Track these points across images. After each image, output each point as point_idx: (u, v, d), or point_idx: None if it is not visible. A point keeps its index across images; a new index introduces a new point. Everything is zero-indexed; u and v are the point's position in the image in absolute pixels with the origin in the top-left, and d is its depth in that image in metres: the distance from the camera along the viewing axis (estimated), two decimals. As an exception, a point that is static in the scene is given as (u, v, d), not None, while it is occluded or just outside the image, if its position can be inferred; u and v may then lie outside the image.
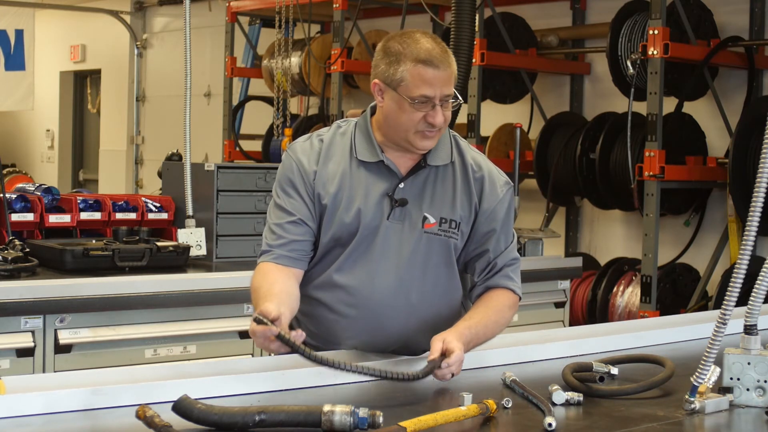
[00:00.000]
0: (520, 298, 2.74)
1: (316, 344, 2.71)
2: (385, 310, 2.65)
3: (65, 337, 3.92)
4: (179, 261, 4.60)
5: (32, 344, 3.85)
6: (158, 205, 5.05)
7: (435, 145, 2.66)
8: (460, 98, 2.66)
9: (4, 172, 6.83)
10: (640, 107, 6.11)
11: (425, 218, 2.65)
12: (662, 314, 5.81)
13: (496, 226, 2.69)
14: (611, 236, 7.40)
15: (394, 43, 2.60)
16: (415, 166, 2.67)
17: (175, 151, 6.21)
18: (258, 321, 2.29)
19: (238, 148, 9.04)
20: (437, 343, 2.42)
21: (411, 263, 2.64)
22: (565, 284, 5.53)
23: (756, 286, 2.21)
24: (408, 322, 2.66)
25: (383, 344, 2.66)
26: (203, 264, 4.84)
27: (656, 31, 5.78)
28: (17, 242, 4.32)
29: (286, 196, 2.68)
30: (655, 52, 5.79)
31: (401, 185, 2.65)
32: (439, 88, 2.56)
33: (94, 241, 4.56)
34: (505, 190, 2.72)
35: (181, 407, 1.99)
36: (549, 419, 2.06)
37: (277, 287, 2.52)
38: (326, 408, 1.97)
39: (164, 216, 5.03)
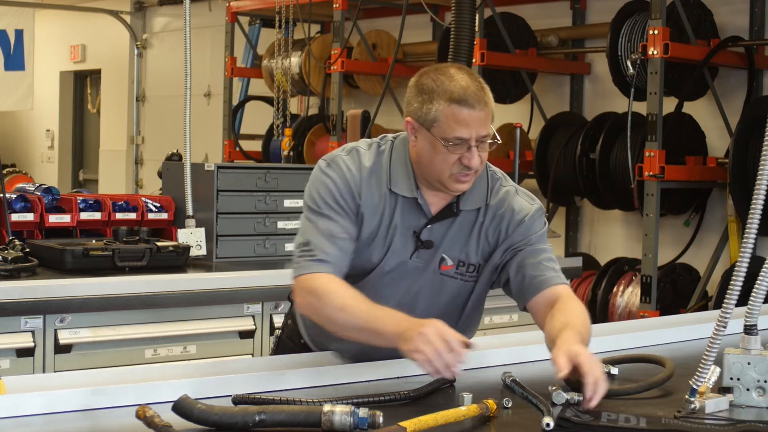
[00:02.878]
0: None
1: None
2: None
3: (65, 337, 3.92)
4: (179, 261, 4.60)
5: (32, 344, 3.85)
6: (158, 205, 5.04)
7: (470, 187, 2.52)
8: (498, 138, 2.49)
9: (4, 172, 6.83)
10: (640, 107, 6.11)
11: (443, 259, 2.54)
12: (662, 314, 5.81)
13: (531, 246, 2.57)
14: (611, 236, 7.40)
15: (427, 79, 2.45)
16: (446, 207, 2.54)
17: (175, 151, 6.21)
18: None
19: (238, 148, 9.04)
20: (562, 358, 2.20)
21: (419, 298, 2.59)
22: (565, 284, 5.51)
23: (756, 286, 2.20)
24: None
25: (371, 355, 2.62)
26: (203, 264, 4.83)
27: (656, 31, 5.78)
28: (17, 242, 4.31)
29: (335, 213, 2.48)
30: (655, 52, 5.79)
31: (429, 226, 2.54)
32: (475, 129, 2.40)
33: (94, 241, 4.56)
34: (533, 220, 2.57)
35: (181, 407, 1.99)
36: (547, 419, 2.05)
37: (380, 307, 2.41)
38: (326, 408, 1.97)
39: (164, 216, 5.03)
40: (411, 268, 2.55)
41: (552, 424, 2.04)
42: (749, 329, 2.30)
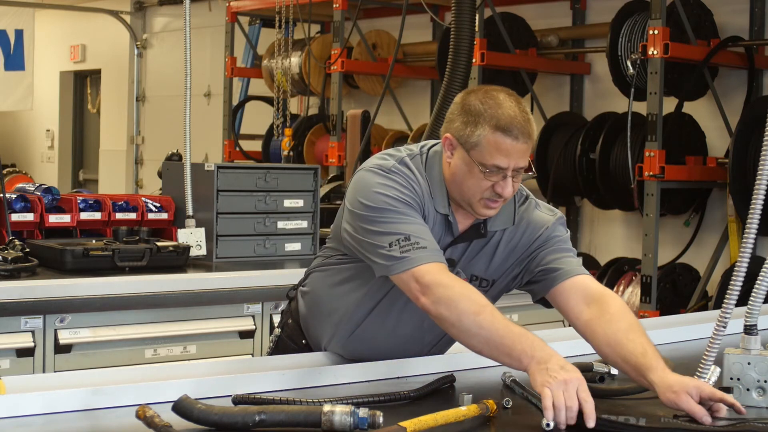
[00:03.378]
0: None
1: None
2: (393, 350, 2.61)
3: (65, 337, 3.92)
4: (179, 261, 4.60)
5: (32, 344, 3.85)
6: (158, 205, 5.04)
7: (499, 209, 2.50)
8: (534, 170, 2.46)
9: (4, 172, 6.82)
10: (640, 107, 6.11)
11: (457, 273, 2.50)
12: (662, 314, 5.82)
13: (554, 246, 2.55)
14: (611, 236, 7.40)
15: (475, 101, 2.42)
16: (472, 227, 2.53)
17: (175, 151, 6.21)
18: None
19: (238, 148, 9.04)
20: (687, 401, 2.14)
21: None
22: (566, 284, 5.51)
23: (756, 286, 2.21)
24: (413, 353, 2.64)
25: (369, 357, 2.63)
26: (203, 264, 4.83)
27: (656, 31, 5.79)
28: (17, 242, 4.31)
29: (414, 211, 2.43)
30: (655, 52, 5.79)
31: (454, 245, 2.52)
32: (514, 159, 2.38)
33: (94, 241, 4.56)
34: (554, 228, 2.56)
35: (181, 407, 1.99)
36: (546, 419, 2.05)
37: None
38: (326, 408, 1.97)
39: (164, 216, 5.02)
40: None
41: (552, 425, 2.04)
42: (749, 329, 2.30)
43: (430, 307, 2.33)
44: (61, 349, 3.91)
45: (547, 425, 2.04)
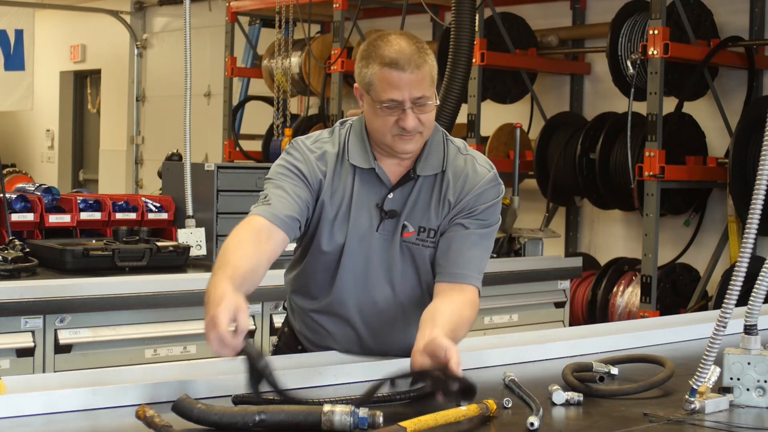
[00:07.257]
0: (480, 294, 2.58)
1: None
2: (378, 323, 2.63)
3: (65, 337, 3.92)
4: (179, 261, 4.60)
5: (32, 344, 3.85)
6: (158, 205, 5.04)
7: (426, 153, 2.58)
8: (437, 100, 2.53)
9: (4, 172, 6.82)
10: (640, 107, 6.11)
11: (405, 227, 2.58)
12: (662, 314, 5.81)
13: (474, 221, 2.56)
14: (611, 236, 7.40)
15: (369, 45, 2.52)
16: (405, 175, 2.60)
17: (175, 151, 6.21)
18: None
19: (238, 148, 9.04)
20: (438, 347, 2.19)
21: (393, 272, 2.60)
22: (565, 284, 5.53)
23: (756, 286, 2.20)
24: (392, 328, 2.65)
25: (370, 351, 2.67)
26: (203, 264, 4.83)
27: (656, 31, 5.79)
28: (17, 242, 4.31)
29: (290, 179, 2.54)
30: (655, 52, 5.79)
31: (390, 195, 2.58)
32: (407, 91, 2.45)
33: (94, 241, 4.56)
34: (484, 188, 2.58)
35: (181, 407, 1.99)
36: (532, 419, 2.05)
37: (247, 263, 2.39)
38: (326, 408, 1.97)
39: (164, 216, 5.03)
40: (379, 241, 2.58)
41: (537, 424, 2.04)
42: (749, 329, 2.30)
43: None
44: (61, 349, 3.91)
45: (531, 425, 2.04)
